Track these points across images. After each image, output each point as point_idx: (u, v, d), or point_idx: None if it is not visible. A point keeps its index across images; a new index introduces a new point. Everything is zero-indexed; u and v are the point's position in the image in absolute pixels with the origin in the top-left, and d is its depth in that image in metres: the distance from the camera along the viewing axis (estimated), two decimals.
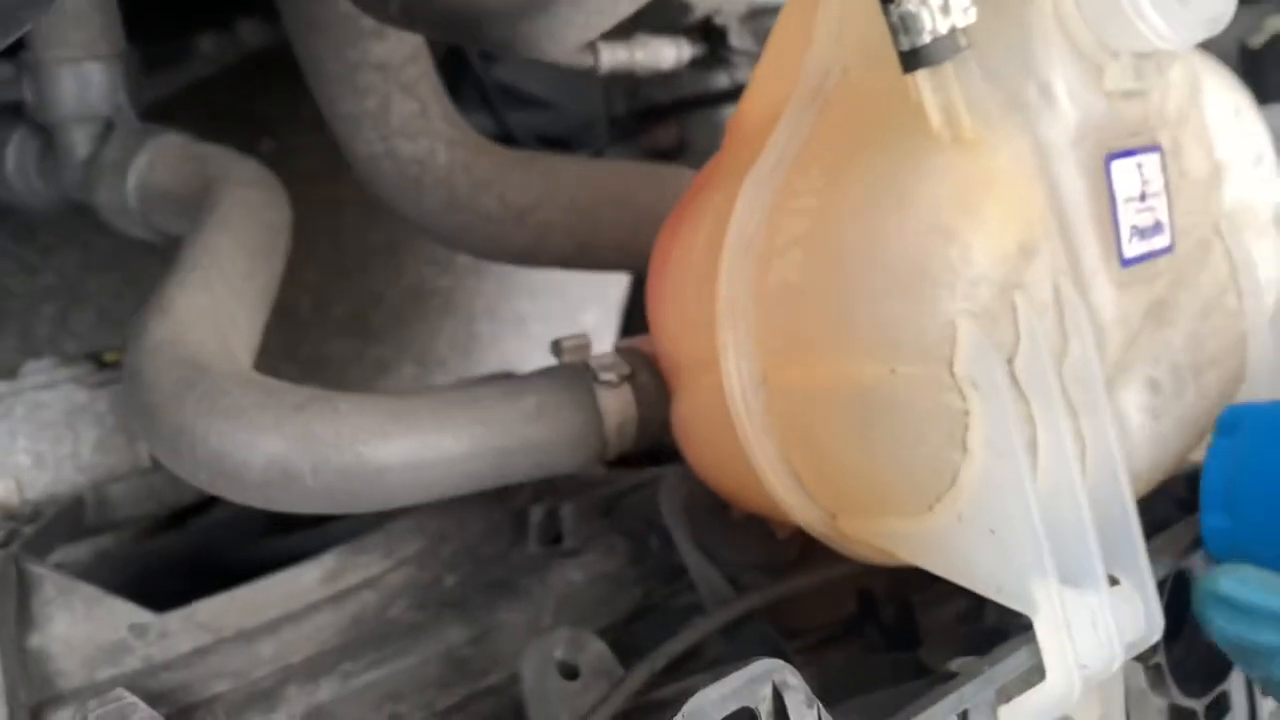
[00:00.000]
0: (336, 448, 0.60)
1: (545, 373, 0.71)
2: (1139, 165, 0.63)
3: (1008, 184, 0.57)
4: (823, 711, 0.48)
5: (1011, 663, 0.54)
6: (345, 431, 0.60)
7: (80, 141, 0.88)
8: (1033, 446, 0.56)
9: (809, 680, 0.51)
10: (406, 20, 0.68)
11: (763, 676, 0.45)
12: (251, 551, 0.93)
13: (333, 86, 0.83)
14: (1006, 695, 0.56)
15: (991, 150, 0.57)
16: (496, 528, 0.89)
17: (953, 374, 0.55)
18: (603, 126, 1.40)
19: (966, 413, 0.55)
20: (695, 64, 1.18)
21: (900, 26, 0.55)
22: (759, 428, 0.61)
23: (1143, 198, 0.64)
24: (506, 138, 1.28)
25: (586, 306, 1.99)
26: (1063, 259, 0.59)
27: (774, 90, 0.67)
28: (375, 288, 2.07)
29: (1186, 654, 0.70)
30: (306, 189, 0.99)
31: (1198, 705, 0.68)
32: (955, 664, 0.54)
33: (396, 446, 0.61)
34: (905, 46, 0.55)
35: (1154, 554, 0.64)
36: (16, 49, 0.88)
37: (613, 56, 1.07)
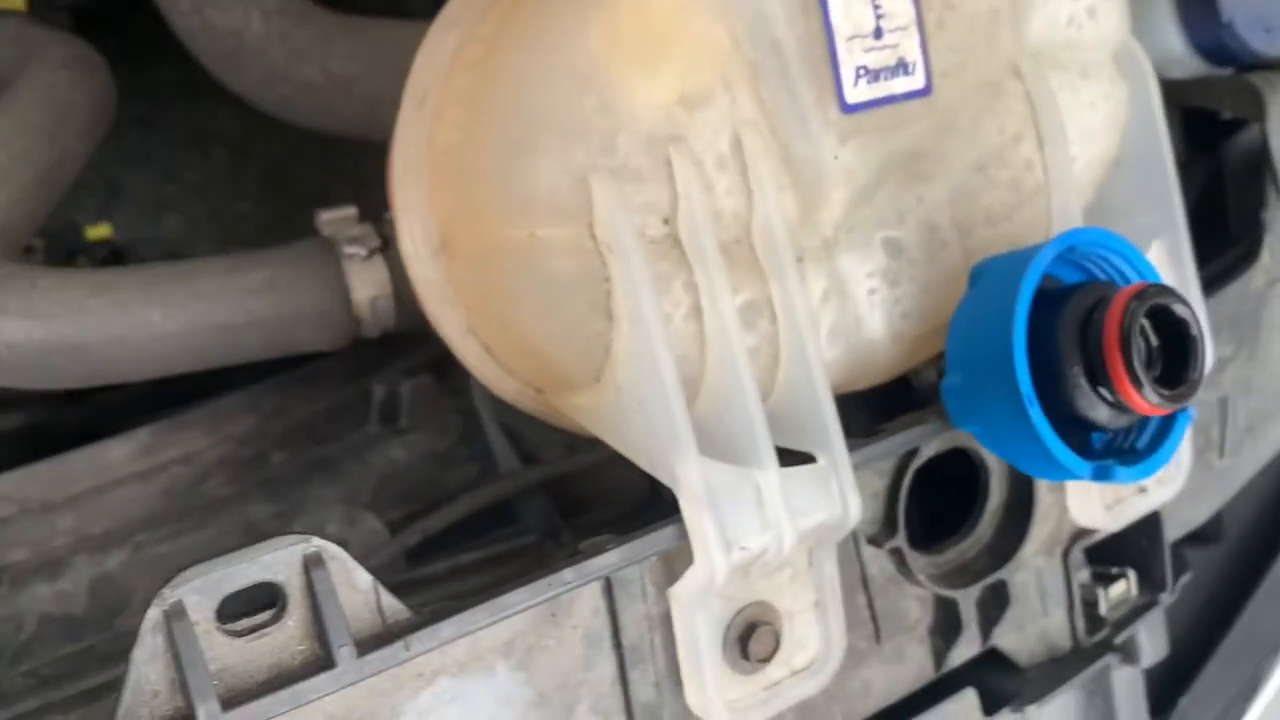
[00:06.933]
0: (28, 324, 0.60)
1: (286, 247, 0.70)
2: None
3: (670, 25, 0.52)
4: (381, 590, 0.46)
5: (649, 541, 0.50)
6: (40, 307, 0.60)
7: None
8: (697, 314, 0.52)
9: None
10: None
11: (285, 547, 0.44)
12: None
13: None
14: (673, 574, 0.53)
15: None
16: (343, 407, 0.88)
17: (594, 237, 0.51)
18: None
19: (608, 279, 0.51)
20: None
21: None
22: (440, 299, 0.57)
23: (878, 34, 0.57)
24: None
25: None
26: (751, 107, 0.53)
27: None
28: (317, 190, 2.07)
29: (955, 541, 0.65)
30: None
31: (960, 596, 0.63)
32: (593, 542, 0.51)
33: (95, 321, 0.61)
34: None
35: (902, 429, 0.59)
36: None
37: None
